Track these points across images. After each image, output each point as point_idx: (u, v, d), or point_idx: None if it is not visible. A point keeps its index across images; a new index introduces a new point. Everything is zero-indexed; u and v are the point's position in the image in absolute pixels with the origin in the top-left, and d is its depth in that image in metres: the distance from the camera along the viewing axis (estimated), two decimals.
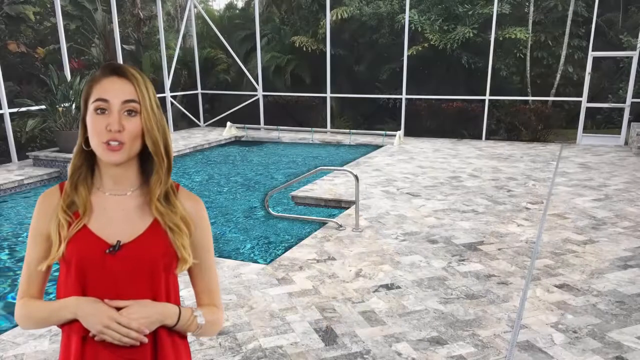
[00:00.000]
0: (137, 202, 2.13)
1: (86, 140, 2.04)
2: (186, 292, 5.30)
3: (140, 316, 2.00)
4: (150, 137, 2.02)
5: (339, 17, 20.24)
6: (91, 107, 1.99)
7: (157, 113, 2.04)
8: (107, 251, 2.02)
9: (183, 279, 2.37)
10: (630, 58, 16.94)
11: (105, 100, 1.97)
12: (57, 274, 2.14)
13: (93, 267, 2.02)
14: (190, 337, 5.15)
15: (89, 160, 2.11)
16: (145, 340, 2.02)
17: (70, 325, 2.05)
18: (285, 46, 22.01)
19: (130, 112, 1.99)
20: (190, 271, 2.24)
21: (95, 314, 1.97)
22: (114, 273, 2.02)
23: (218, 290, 2.36)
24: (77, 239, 2.03)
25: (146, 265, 2.05)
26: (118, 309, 2.00)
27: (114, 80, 2.00)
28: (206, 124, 21.62)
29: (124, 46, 20.21)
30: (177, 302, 2.18)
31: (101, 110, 1.97)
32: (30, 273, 2.14)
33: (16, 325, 5.49)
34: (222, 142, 18.40)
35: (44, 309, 2.09)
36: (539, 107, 17.82)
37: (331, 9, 19.63)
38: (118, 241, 2.04)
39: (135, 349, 2.03)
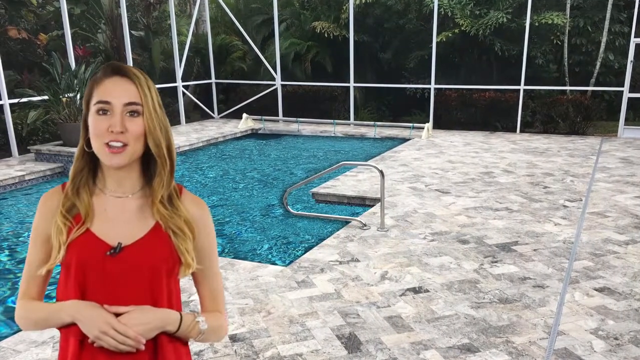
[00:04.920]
0: (139, 204, 2.20)
1: (88, 142, 2.11)
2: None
3: (139, 323, 2.06)
4: (153, 139, 2.09)
5: (363, 0, 20.22)
6: (93, 108, 2.07)
7: (159, 114, 2.12)
8: (108, 253, 2.09)
9: (187, 284, 2.41)
10: None
11: (107, 102, 2.04)
12: (58, 275, 2.22)
13: (93, 269, 2.08)
14: (203, 345, 5.20)
15: (91, 162, 2.18)
16: (142, 347, 2.08)
17: (68, 328, 2.11)
18: (306, 32, 22.02)
19: (133, 113, 2.06)
20: (194, 276, 2.32)
21: (92, 318, 2.03)
22: (114, 276, 2.09)
23: (222, 295, 2.43)
24: (78, 242, 2.10)
25: (147, 269, 2.12)
26: (118, 314, 2.06)
27: (116, 80, 2.08)
28: (220, 115, 21.69)
29: (133, 32, 20.28)
30: (178, 307, 2.26)
31: (103, 112, 2.05)
32: (31, 274, 2.22)
33: (17, 332, 5.58)
34: (238, 135, 18.47)
35: (42, 310, 2.17)
36: (578, 98, 17.70)
37: None
38: (119, 243, 2.10)
39: (134, 355, 2.09)
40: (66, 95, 13.40)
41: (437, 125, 18.56)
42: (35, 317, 2.18)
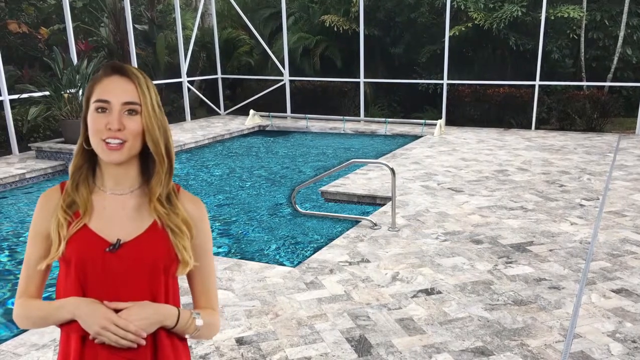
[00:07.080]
0: (137, 201, 2.28)
1: (87, 139, 2.19)
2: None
3: (139, 318, 2.14)
4: (151, 137, 2.17)
5: None
6: (92, 106, 2.15)
7: (158, 113, 2.20)
8: (107, 249, 2.17)
9: (183, 284, 2.45)
10: None
11: (106, 101, 2.13)
12: (56, 273, 2.28)
13: (93, 266, 2.17)
14: (209, 348, 5.20)
15: (90, 159, 2.27)
16: (143, 342, 2.16)
17: (70, 325, 2.19)
18: (314, 26, 21.99)
19: (132, 112, 2.14)
20: (188, 273, 2.39)
21: (92, 315, 2.12)
22: (113, 272, 2.18)
23: (216, 293, 2.52)
24: (77, 238, 2.18)
25: (146, 265, 2.20)
26: (118, 310, 2.14)
27: (115, 79, 2.16)
28: (227, 112, 21.72)
29: (136, 26, 20.32)
30: (176, 304, 2.34)
31: (102, 110, 2.13)
32: (30, 272, 2.31)
33: (17, 335, 5.59)
34: (245, 132, 18.49)
35: (42, 308, 2.25)
36: (595, 94, 17.65)
37: None
38: (118, 239, 2.19)
39: (135, 350, 2.17)
40: (68, 91, 13.41)
41: (449, 122, 18.51)
42: (34, 315, 2.25)
